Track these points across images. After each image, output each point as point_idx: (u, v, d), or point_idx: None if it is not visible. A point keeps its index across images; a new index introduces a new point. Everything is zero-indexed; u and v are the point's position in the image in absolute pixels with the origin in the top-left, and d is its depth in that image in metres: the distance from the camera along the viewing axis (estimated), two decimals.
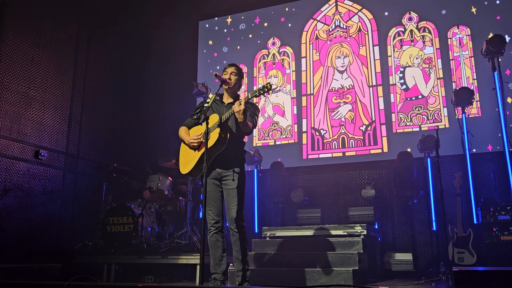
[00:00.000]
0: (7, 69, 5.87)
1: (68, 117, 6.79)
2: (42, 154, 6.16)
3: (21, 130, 5.97)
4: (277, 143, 7.45)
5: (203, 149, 3.61)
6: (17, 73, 6.00)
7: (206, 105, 3.84)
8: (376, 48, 7.19)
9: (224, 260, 3.71)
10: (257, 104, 3.78)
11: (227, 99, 3.92)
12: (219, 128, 3.58)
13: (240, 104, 3.47)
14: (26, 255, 5.65)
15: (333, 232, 5.06)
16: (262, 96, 3.57)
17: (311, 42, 7.65)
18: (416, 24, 7.05)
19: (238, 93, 4.02)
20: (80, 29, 7.19)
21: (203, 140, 3.61)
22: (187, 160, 3.83)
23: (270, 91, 3.52)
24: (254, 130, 4.01)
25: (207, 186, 3.75)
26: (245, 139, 4.04)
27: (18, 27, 6.07)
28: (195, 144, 3.74)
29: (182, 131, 3.95)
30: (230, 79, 3.84)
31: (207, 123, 3.50)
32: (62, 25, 6.81)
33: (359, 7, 7.47)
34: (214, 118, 3.69)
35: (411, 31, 7.05)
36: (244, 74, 4.15)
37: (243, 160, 3.88)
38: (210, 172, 3.75)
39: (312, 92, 7.42)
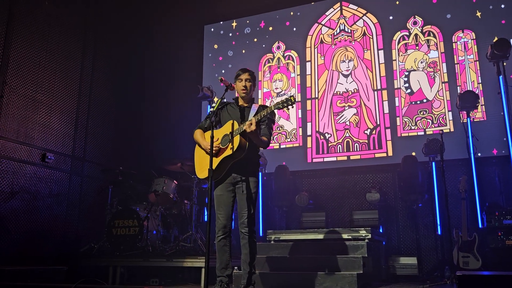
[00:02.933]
0: (15, 73, 5.93)
1: (75, 121, 6.84)
2: (49, 157, 6.21)
3: (28, 133, 6.03)
4: (281, 146, 7.47)
5: (221, 156, 3.63)
6: (24, 77, 6.06)
7: (211, 109, 3.85)
8: (381, 52, 7.21)
9: (230, 265, 3.72)
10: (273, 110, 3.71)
11: (242, 103, 3.91)
12: (239, 137, 3.59)
13: (251, 124, 3.48)
14: (33, 257, 5.69)
15: (338, 236, 5.07)
16: (286, 109, 3.54)
17: (315, 46, 7.68)
18: (421, 28, 7.06)
19: (253, 96, 4.02)
20: (86, 34, 7.25)
21: (222, 147, 3.64)
22: (204, 165, 3.82)
23: (294, 105, 3.49)
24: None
25: (220, 190, 3.77)
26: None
27: (25, 32, 6.13)
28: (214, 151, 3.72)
29: (198, 134, 3.92)
30: (247, 88, 3.83)
31: (212, 127, 3.51)
32: (68, 30, 6.87)
33: (364, 11, 7.49)
34: (232, 124, 3.70)
35: (416, 35, 7.06)
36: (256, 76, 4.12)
37: (258, 167, 3.92)
38: (225, 177, 3.75)
39: (316, 96, 7.44)
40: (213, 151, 3.63)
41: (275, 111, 3.71)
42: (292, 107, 3.50)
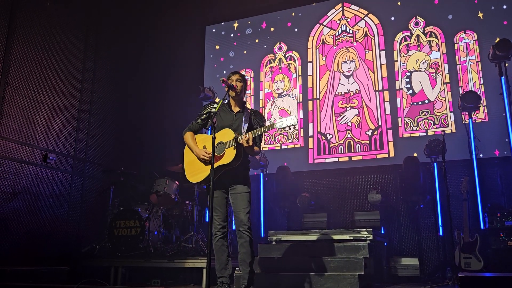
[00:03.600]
0: (17, 73, 5.94)
1: (76, 121, 6.85)
2: (50, 157, 6.21)
3: (29, 134, 6.03)
4: (283, 147, 7.47)
5: (217, 164, 3.63)
6: (26, 77, 6.07)
7: (213, 110, 3.85)
8: (383, 53, 7.20)
9: (229, 264, 3.74)
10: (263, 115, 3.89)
11: (235, 107, 3.93)
12: (236, 148, 3.62)
13: (248, 140, 3.57)
14: (35, 258, 5.69)
15: (339, 237, 5.06)
16: (284, 130, 3.72)
17: (317, 47, 7.68)
18: (422, 29, 7.05)
19: (244, 99, 4.04)
20: (88, 34, 7.26)
21: (218, 154, 3.66)
22: (196, 169, 3.83)
23: (294, 128, 3.65)
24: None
25: (214, 193, 3.77)
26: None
27: (27, 33, 6.14)
28: (207, 160, 3.73)
29: (189, 137, 3.94)
30: (236, 86, 3.85)
31: (214, 129, 3.52)
32: (70, 31, 6.88)
33: (366, 12, 7.49)
34: (227, 133, 3.72)
35: (418, 36, 7.05)
36: (247, 80, 4.14)
37: (249, 173, 3.96)
38: (217, 183, 3.74)
39: (318, 97, 7.44)
40: (208, 159, 3.68)
41: (265, 115, 3.86)
42: (295, 128, 3.67)
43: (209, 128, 3.96)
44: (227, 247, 3.76)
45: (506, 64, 5.86)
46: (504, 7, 6.56)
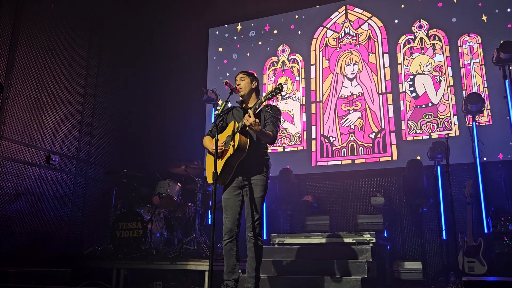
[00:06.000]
0: (20, 74, 5.95)
1: (79, 123, 6.86)
2: (53, 159, 6.22)
3: (33, 135, 6.04)
4: (286, 150, 7.46)
5: (225, 157, 3.60)
6: (29, 78, 6.09)
7: (216, 112, 3.85)
8: (386, 56, 7.19)
9: (237, 269, 3.67)
10: (277, 105, 3.71)
11: (247, 104, 3.86)
12: (238, 135, 3.56)
13: (250, 116, 3.39)
14: (37, 259, 5.69)
15: (342, 240, 5.04)
16: (275, 97, 3.48)
17: (320, 50, 7.67)
18: (426, 32, 7.03)
19: (258, 95, 3.94)
20: (92, 36, 7.27)
21: (225, 148, 3.62)
22: (212, 169, 3.80)
23: (282, 92, 3.47)
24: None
25: (227, 193, 3.73)
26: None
27: (31, 34, 6.16)
28: (218, 153, 3.68)
29: (206, 140, 3.88)
30: (240, 86, 3.83)
31: (217, 130, 3.50)
32: (74, 32, 6.89)
33: (369, 15, 7.48)
34: (231, 125, 3.68)
35: (421, 39, 7.04)
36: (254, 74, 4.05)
37: (266, 166, 3.80)
38: (233, 180, 3.71)
39: (321, 99, 7.43)
40: (217, 154, 3.62)
41: (280, 108, 3.83)
42: (281, 95, 3.47)
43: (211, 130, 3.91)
44: (235, 251, 3.67)
45: (511, 67, 5.84)
46: (508, 10, 6.54)
